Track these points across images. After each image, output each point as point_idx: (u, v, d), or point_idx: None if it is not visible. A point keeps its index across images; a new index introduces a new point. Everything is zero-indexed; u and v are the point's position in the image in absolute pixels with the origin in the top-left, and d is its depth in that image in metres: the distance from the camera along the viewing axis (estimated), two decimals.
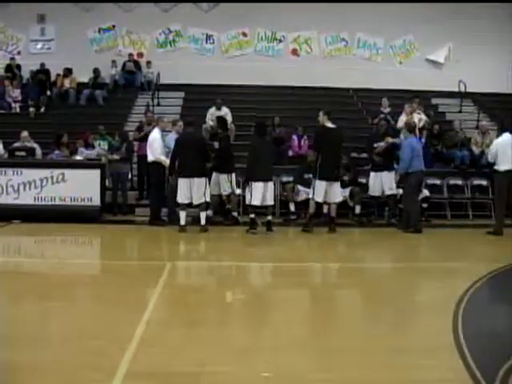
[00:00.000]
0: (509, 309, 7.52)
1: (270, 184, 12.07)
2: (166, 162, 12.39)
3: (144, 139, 13.64)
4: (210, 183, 12.37)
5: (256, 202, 11.94)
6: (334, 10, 20.10)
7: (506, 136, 12.58)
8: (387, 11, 20.17)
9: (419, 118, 15.24)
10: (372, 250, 11.46)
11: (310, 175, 12.59)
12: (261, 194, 11.88)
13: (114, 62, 20.17)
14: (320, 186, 12.07)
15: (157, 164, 12.54)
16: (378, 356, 5.26)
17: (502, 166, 12.38)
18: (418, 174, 12.59)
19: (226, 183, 12.82)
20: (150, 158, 12.66)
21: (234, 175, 12.94)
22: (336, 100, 19.46)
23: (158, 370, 4.79)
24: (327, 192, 12.09)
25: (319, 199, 12.16)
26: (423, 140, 15.05)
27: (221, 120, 13.74)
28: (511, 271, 9.09)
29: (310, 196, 12.31)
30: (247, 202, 12.21)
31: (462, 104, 19.73)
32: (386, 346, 5.53)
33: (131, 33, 20.88)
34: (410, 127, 13.21)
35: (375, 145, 13.58)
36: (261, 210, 12.29)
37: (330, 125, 12.28)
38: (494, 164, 12.69)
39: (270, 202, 12.08)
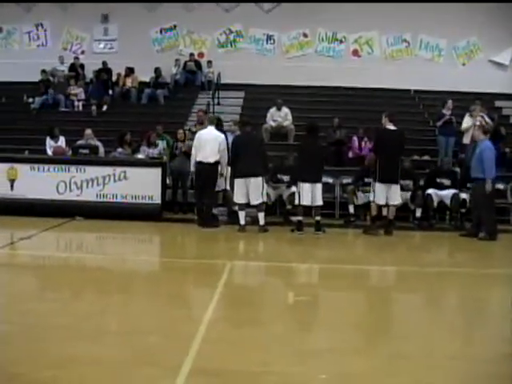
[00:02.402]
0: None
1: (318, 185, 12.00)
2: (225, 164, 12.44)
3: None
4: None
5: (305, 202, 11.93)
6: (396, 11, 19.87)
7: None
8: (450, 12, 19.84)
9: (481, 121, 14.93)
10: (431, 255, 11.29)
11: (371, 178, 12.47)
12: (309, 194, 11.85)
13: (177, 60, 20.36)
14: (380, 188, 11.98)
15: (216, 164, 12.43)
16: (437, 362, 5.15)
17: None
18: (494, 180, 12.24)
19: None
20: (215, 158, 12.23)
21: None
22: (397, 101, 19.27)
23: (222, 368, 4.78)
24: (387, 194, 11.99)
25: (380, 202, 12.05)
26: None
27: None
28: None
29: (371, 199, 12.21)
30: (296, 203, 12.20)
31: None
32: (447, 352, 5.41)
33: (192, 33, 21.07)
34: (485, 129, 12.90)
35: None
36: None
37: (391, 127, 12.16)
38: None
39: (318, 202, 12.03)
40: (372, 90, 19.40)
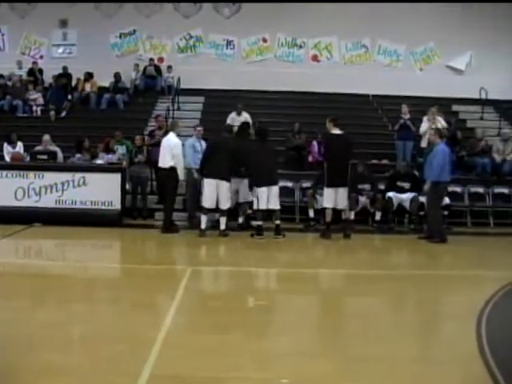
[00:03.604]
0: None
1: (274, 188, 12.06)
2: (182, 169, 12.49)
3: (157, 144, 13.66)
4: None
5: (263, 206, 12.01)
6: (355, 17, 20.07)
7: None
8: (409, 18, 20.12)
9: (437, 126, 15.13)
10: (391, 258, 11.44)
11: None
12: (265, 198, 11.93)
13: (137, 65, 20.25)
14: (328, 192, 12.08)
15: (173, 169, 12.46)
16: (401, 365, 5.24)
17: None
18: (446, 184, 12.48)
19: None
20: (169, 164, 12.36)
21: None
22: (356, 106, 19.45)
23: (182, 374, 4.80)
24: (335, 198, 12.06)
25: (329, 205, 12.14)
26: None
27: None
28: None
29: (321, 203, 12.32)
30: (254, 208, 12.26)
31: (483, 111, 19.64)
32: (409, 355, 5.52)
33: (152, 38, 20.99)
34: (441, 133, 13.11)
35: None
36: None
37: (336, 131, 12.26)
38: None
39: (275, 206, 12.09)
40: (331, 94, 19.52)
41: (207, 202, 12.01)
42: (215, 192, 11.95)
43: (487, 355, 5.39)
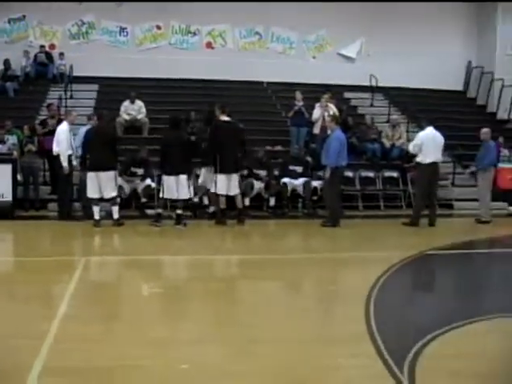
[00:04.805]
0: (417, 295, 7.88)
1: (182, 178, 12.09)
2: (66, 156, 12.37)
3: (50, 133, 13.44)
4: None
5: (168, 195, 12.05)
6: (248, 4, 20.13)
7: (429, 130, 13.02)
8: (301, 6, 20.35)
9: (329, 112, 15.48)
10: (286, 242, 11.67)
11: None
12: (173, 187, 11.94)
13: (26, 52, 19.65)
14: (221, 179, 12.21)
15: (58, 156, 12.37)
16: (294, 345, 5.42)
17: (425, 159, 12.79)
18: (343, 169, 12.83)
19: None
20: (55, 150, 12.48)
21: None
22: (250, 93, 19.65)
23: (74, 365, 4.80)
24: (228, 185, 12.21)
25: (222, 192, 12.28)
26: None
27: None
28: (421, 259, 9.52)
29: (212, 190, 12.43)
30: (160, 196, 12.28)
31: (373, 98, 20.22)
32: (301, 336, 5.70)
33: (42, 24, 20.36)
34: (337, 119, 13.44)
35: None
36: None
37: (225, 118, 12.38)
38: (408, 158, 13.11)
39: (183, 195, 12.13)
40: (226, 82, 19.62)
41: (91, 192, 11.93)
42: (97, 182, 11.88)
43: (375, 334, 5.64)
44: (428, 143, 12.76)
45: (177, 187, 12.00)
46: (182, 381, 4.65)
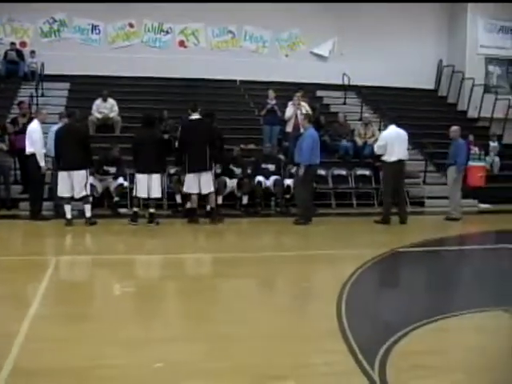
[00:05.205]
0: (389, 292, 7.95)
1: (155, 176, 12.06)
2: (42, 155, 12.28)
3: (21, 132, 13.33)
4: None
5: (141, 194, 12.02)
6: (222, 3, 20.10)
7: (392, 129, 13.12)
8: (274, 5, 20.38)
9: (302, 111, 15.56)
10: (259, 240, 11.69)
11: None
12: (145, 186, 11.92)
13: None
14: (190, 178, 12.20)
15: (35, 157, 12.27)
16: (266, 342, 5.43)
17: (389, 157, 12.89)
18: (316, 167, 12.89)
19: None
20: (29, 150, 12.33)
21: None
22: (223, 92, 19.63)
23: (46, 366, 4.76)
24: (199, 183, 12.19)
25: (193, 191, 12.28)
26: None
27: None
28: (392, 256, 9.60)
29: (185, 189, 12.42)
30: (133, 195, 12.25)
31: (345, 96, 20.33)
32: (274, 333, 5.72)
33: (13, 21, 20.16)
34: (311, 117, 13.51)
35: None
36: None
37: (194, 117, 12.38)
38: (379, 155, 13.22)
39: (154, 194, 12.10)
40: (199, 80, 19.62)
41: (62, 191, 11.86)
42: (69, 181, 11.83)
43: (347, 331, 5.68)
44: (392, 142, 12.87)
45: (148, 186, 11.97)
46: (157, 380, 4.64)
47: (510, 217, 14.67)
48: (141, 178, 12.02)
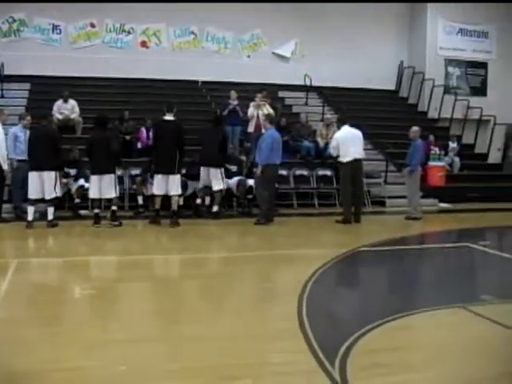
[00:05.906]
0: (350, 291, 8.04)
1: (106, 177, 11.99)
2: (5, 158, 12.16)
3: None
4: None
5: (93, 195, 12.03)
6: (183, 3, 20.07)
7: (344, 129, 13.26)
8: (236, 6, 20.38)
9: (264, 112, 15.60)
10: (222, 241, 11.71)
11: None
12: (97, 187, 11.91)
13: None
14: (158, 179, 12.19)
15: None
16: (227, 342, 5.46)
17: (344, 158, 13.01)
18: (276, 167, 12.94)
19: None
20: None
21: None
22: (185, 92, 19.59)
23: (9, 370, 4.72)
24: (167, 185, 12.17)
25: (159, 192, 12.26)
26: None
27: None
28: (354, 255, 9.71)
29: (154, 190, 12.40)
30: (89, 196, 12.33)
31: (307, 97, 20.45)
32: (235, 333, 5.77)
33: None
34: (272, 118, 13.59)
35: None
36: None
37: (166, 118, 12.37)
38: (337, 156, 13.33)
39: (107, 195, 12.08)
40: (161, 81, 19.55)
41: (32, 193, 11.75)
42: (39, 183, 11.73)
43: (307, 330, 5.74)
44: (345, 142, 13.00)
45: (100, 186, 11.93)
46: (118, 382, 4.65)
47: (470, 216, 14.93)
48: (93, 179, 12.00)
